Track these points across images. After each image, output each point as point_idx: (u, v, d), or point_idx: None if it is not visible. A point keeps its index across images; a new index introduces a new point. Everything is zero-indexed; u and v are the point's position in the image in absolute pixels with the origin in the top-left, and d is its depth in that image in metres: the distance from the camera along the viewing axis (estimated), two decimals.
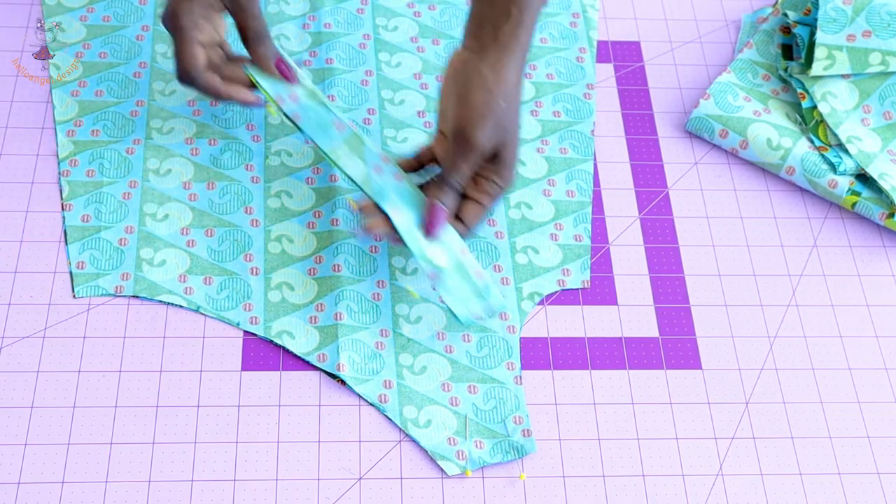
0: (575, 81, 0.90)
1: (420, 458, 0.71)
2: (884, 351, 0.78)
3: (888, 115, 0.87)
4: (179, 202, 0.80)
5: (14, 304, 0.75)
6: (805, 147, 0.85)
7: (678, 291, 0.80)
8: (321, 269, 0.77)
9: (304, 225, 0.80)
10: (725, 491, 0.71)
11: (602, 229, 0.82)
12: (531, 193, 0.83)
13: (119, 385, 0.72)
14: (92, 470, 0.69)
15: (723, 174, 0.86)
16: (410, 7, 0.93)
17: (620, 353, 0.76)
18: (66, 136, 0.82)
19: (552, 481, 0.71)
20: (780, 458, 0.73)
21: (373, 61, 0.89)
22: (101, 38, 0.88)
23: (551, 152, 0.85)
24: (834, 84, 0.87)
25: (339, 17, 0.91)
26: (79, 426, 0.70)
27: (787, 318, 0.79)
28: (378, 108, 0.86)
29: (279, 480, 0.69)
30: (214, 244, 0.78)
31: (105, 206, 0.79)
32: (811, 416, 0.75)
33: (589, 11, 0.94)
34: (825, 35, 0.85)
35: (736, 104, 0.87)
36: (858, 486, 0.72)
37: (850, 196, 0.83)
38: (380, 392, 0.73)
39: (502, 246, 0.80)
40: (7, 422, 0.70)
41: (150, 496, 0.68)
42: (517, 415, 0.73)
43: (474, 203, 0.75)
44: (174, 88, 0.85)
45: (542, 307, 0.78)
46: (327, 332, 0.75)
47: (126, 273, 0.76)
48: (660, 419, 0.74)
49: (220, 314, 0.75)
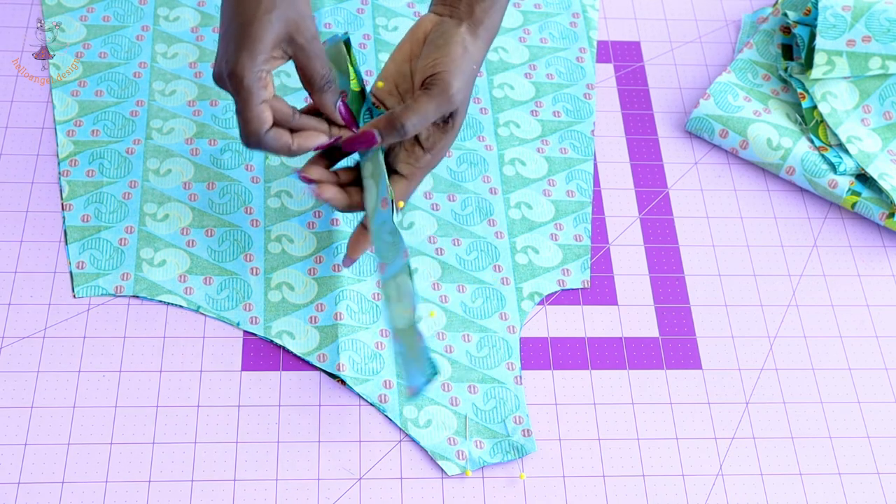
0: (575, 81, 0.90)
1: (420, 458, 0.71)
2: (884, 351, 0.78)
3: (888, 115, 0.87)
4: (179, 202, 0.80)
5: (14, 304, 0.75)
6: (805, 147, 0.85)
7: (678, 291, 0.80)
8: (321, 269, 0.77)
9: (304, 225, 0.80)
10: (725, 491, 0.71)
11: (602, 229, 0.82)
12: (531, 193, 0.83)
13: (119, 385, 0.72)
14: (92, 470, 0.69)
15: (723, 174, 0.86)
16: (410, 7, 0.93)
17: (620, 353, 0.76)
18: (66, 136, 0.82)
19: (552, 481, 0.71)
20: (780, 458, 0.73)
21: (373, 61, 0.89)
22: (101, 38, 0.88)
23: (551, 152, 0.85)
24: (834, 84, 0.87)
25: (339, 17, 0.91)
26: (79, 426, 0.70)
27: (787, 318, 0.79)
28: None
29: (279, 480, 0.69)
30: (214, 244, 0.78)
31: (105, 206, 0.79)
32: (811, 416, 0.75)
33: (589, 11, 0.94)
34: (825, 41, 0.85)
35: (736, 104, 0.87)
36: (858, 486, 0.72)
37: (850, 196, 0.83)
38: (380, 392, 0.73)
39: (502, 246, 0.80)
40: (7, 422, 0.70)
41: (150, 496, 0.68)
42: (517, 415, 0.73)
43: (400, 178, 0.72)
44: (174, 88, 0.85)
45: (542, 307, 0.78)
46: (327, 332, 0.75)
47: (126, 273, 0.76)
48: (660, 419, 0.74)
49: (220, 314, 0.75)
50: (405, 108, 0.69)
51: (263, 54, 0.65)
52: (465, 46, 0.70)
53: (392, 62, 0.74)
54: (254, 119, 0.66)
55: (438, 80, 0.69)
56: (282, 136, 0.68)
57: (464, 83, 0.70)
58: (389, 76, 0.74)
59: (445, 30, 0.71)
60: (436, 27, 0.72)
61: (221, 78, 0.67)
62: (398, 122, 0.68)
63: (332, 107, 0.70)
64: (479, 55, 0.71)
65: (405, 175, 0.72)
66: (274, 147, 0.68)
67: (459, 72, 0.69)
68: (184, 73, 0.86)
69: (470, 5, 0.72)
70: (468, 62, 0.70)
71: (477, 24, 0.72)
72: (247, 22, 0.65)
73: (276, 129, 0.67)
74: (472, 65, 0.70)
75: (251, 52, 0.65)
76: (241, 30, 0.65)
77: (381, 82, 0.74)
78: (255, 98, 0.66)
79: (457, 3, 0.72)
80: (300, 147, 0.68)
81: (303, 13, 0.67)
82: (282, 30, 0.66)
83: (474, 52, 0.71)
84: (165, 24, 0.89)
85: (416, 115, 0.68)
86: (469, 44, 0.71)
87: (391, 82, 0.74)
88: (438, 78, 0.69)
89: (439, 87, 0.69)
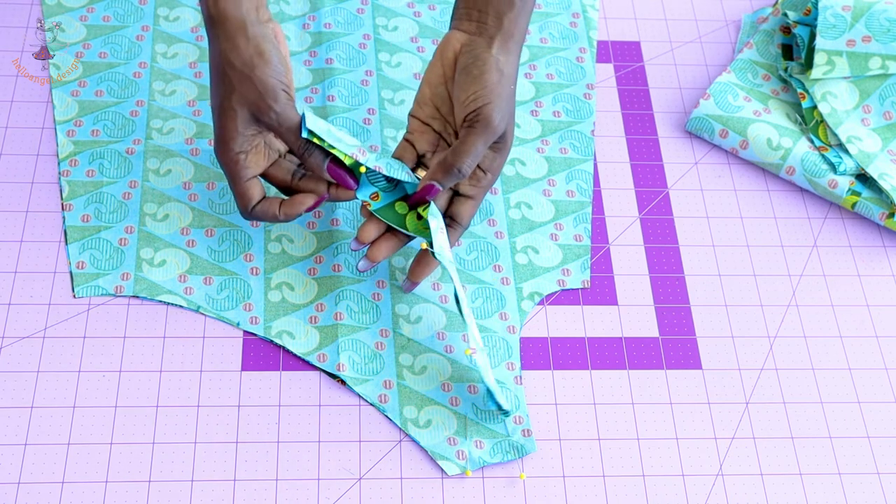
0: (575, 81, 0.90)
1: (420, 458, 0.71)
2: (884, 351, 0.78)
3: (888, 115, 0.87)
4: (179, 202, 0.80)
5: (14, 304, 0.75)
6: (805, 147, 0.85)
7: (678, 291, 0.80)
8: (321, 269, 0.77)
9: (304, 225, 0.80)
10: (725, 491, 0.71)
11: (602, 229, 0.82)
12: (531, 193, 0.83)
13: (119, 385, 0.72)
14: (92, 470, 0.69)
15: (723, 174, 0.86)
16: (410, 7, 0.93)
17: (620, 353, 0.76)
18: (66, 136, 0.82)
19: (552, 481, 0.71)
20: (780, 458, 0.73)
21: (373, 61, 0.89)
22: (101, 38, 0.88)
23: (551, 152, 0.85)
24: (834, 84, 0.87)
25: (339, 17, 0.91)
26: (79, 426, 0.70)
27: (787, 318, 0.79)
28: (378, 108, 0.86)
29: (279, 480, 0.69)
30: (214, 244, 0.78)
31: (105, 206, 0.79)
32: (811, 416, 0.75)
33: (589, 11, 0.94)
34: (825, 41, 0.85)
35: (736, 104, 0.87)
36: (858, 486, 0.72)
37: (850, 196, 0.83)
38: (380, 392, 0.73)
39: (502, 246, 0.80)
40: (7, 422, 0.70)
41: (150, 496, 0.68)
42: (517, 415, 0.73)
43: (466, 199, 0.74)
44: (174, 88, 0.85)
45: (542, 307, 0.78)
46: (327, 332, 0.75)
47: (126, 273, 0.76)
48: (660, 419, 0.74)
49: (220, 314, 0.75)
50: (456, 152, 0.70)
51: (235, 140, 0.69)
52: (500, 70, 0.70)
53: (427, 85, 0.74)
54: (241, 196, 0.71)
55: (481, 116, 0.69)
56: (269, 208, 0.72)
57: (505, 109, 0.70)
58: (427, 100, 0.74)
59: (478, 54, 0.71)
60: (466, 48, 0.71)
61: (215, 152, 0.71)
62: (454, 168, 0.70)
63: (320, 169, 0.71)
64: (513, 71, 0.71)
65: (471, 196, 0.74)
66: (264, 219, 0.72)
67: (499, 100, 0.69)
68: (184, 73, 0.86)
69: (498, 17, 0.71)
70: (506, 85, 0.70)
71: (507, 38, 0.71)
72: (217, 108, 0.70)
73: (263, 202, 0.72)
74: (510, 85, 0.70)
75: (224, 141, 0.70)
76: (216, 116, 0.70)
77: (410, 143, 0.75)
78: (239, 178, 0.71)
79: (484, 18, 0.71)
80: (286, 216, 0.72)
81: (266, 87, 0.68)
82: (245, 114, 0.69)
83: (510, 72, 0.71)
84: (165, 24, 0.89)
85: (467, 155, 0.70)
86: (503, 65, 0.70)
87: (431, 106, 0.74)
88: (480, 113, 0.69)
89: (482, 122, 0.69)
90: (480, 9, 0.72)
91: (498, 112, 0.69)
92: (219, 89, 0.69)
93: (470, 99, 0.70)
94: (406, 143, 0.75)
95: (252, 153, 0.71)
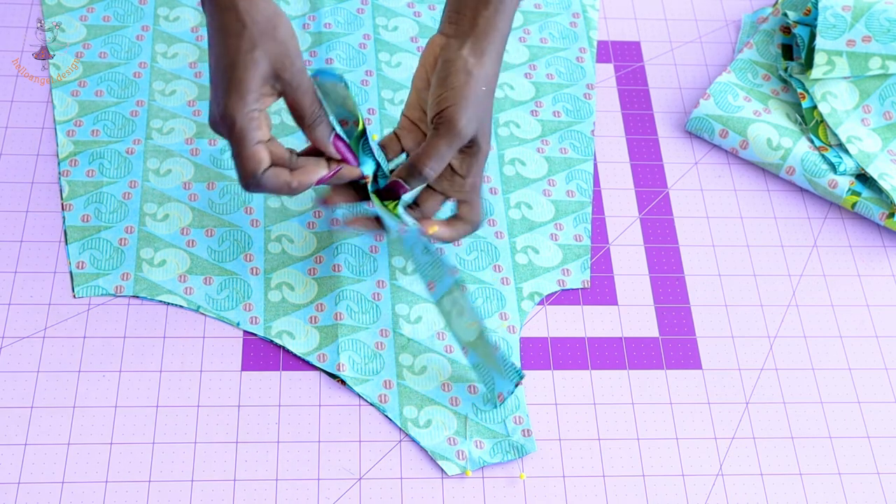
0: (575, 81, 0.90)
1: (420, 458, 0.71)
2: (884, 351, 0.78)
3: (888, 115, 0.87)
4: (179, 202, 0.80)
5: (14, 304, 0.75)
6: (805, 147, 0.85)
7: (678, 291, 0.80)
8: (321, 269, 0.77)
9: (304, 225, 0.80)
10: (725, 491, 0.71)
11: (602, 229, 0.82)
12: (531, 193, 0.83)
13: (119, 385, 0.72)
14: (92, 470, 0.69)
15: (723, 174, 0.86)
16: (410, 7, 0.93)
17: (620, 353, 0.76)
18: (66, 136, 0.82)
19: (552, 481, 0.71)
20: (780, 458, 0.73)
21: (373, 61, 0.89)
22: (101, 38, 0.88)
23: (551, 152, 0.85)
24: (834, 84, 0.87)
25: (339, 17, 0.91)
26: (79, 426, 0.70)
27: (787, 318, 0.79)
28: (378, 108, 0.86)
29: (279, 480, 0.69)
30: (214, 244, 0.78)
31: (105, 206, 0.79)
32: (811, 416, 0.75)
33: (589, 11, 0.94)
34: (825, 41, 0.85)
35: (736, 104, 0.87)
36: (858, 486, 0.72)
37: (850, 196, 0.83)
38: (380, 392, 0.73)
39: (502, 246, 0.80)
40: (7, 422, 0.70)
41: (150, 496, 0.68)
42: (517, 415, 0.73)
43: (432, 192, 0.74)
44: (174, 88, 0.85)
45: (542, 307, 0.78)
46: (327, 332, 0.75)
47: (126, 273, 0.76)
48: (660, 419, 0.74)
49: (220, 314, 0.75)
50: (420, 154, 0.69)
51: (252, 94, 0.64)
52: (467, 72, 0.69)
53: (414, 90, 0.74)
54: (250, 159, 0.65)
55: (445, 119, 0.69)
56: (280, 174, 0.66)
57: (472, 112, 0.69)
58: (415, 104, 0.74)
59: (448, 56, 0.70)
60: (442, 51, 0.71)
61: (215, 123, 0.65)
62: (417, 171, 0.69)
63: (325, 141, 0.68)
64: (486, 72, 0.70)
65: (464, 200, 0.74)
66: (274, 186, 0.66)
67: (465, 103, 0.68)
68: (184, 73, 0.86)
69: (474, 18, 0.70)
70: (473, 87, 0.69)
71: (480, 38, 0.70)
72: (231, 63, 0.64)
73: (274, 168, 0.66)
74: (481, 87, 0.69)
75: (240, 94, 0.64)
76: (227, 72, 0.64)
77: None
78: (249, 139, 0.64)
79: (461, 19, 0.71)
80: (301, 184, 0.67)
81: (287, 47, 0.65)
82: (267, 67, 0.64)
83: (480, 74, 0.69)
84: (165, 24, 0.89)
85: (429, 158, 0.69)
86: (473, 66, 0.69)
87: (419, 109, 0.74)
88: (444, 116, 0.69)
89: (445, 125, 0.69)
90: (459, 10, 0.71)
91: (463, 115, 0.68)
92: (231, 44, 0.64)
93: (435, 102, 0.69)
94: (394, 136, 0.75)
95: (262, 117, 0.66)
